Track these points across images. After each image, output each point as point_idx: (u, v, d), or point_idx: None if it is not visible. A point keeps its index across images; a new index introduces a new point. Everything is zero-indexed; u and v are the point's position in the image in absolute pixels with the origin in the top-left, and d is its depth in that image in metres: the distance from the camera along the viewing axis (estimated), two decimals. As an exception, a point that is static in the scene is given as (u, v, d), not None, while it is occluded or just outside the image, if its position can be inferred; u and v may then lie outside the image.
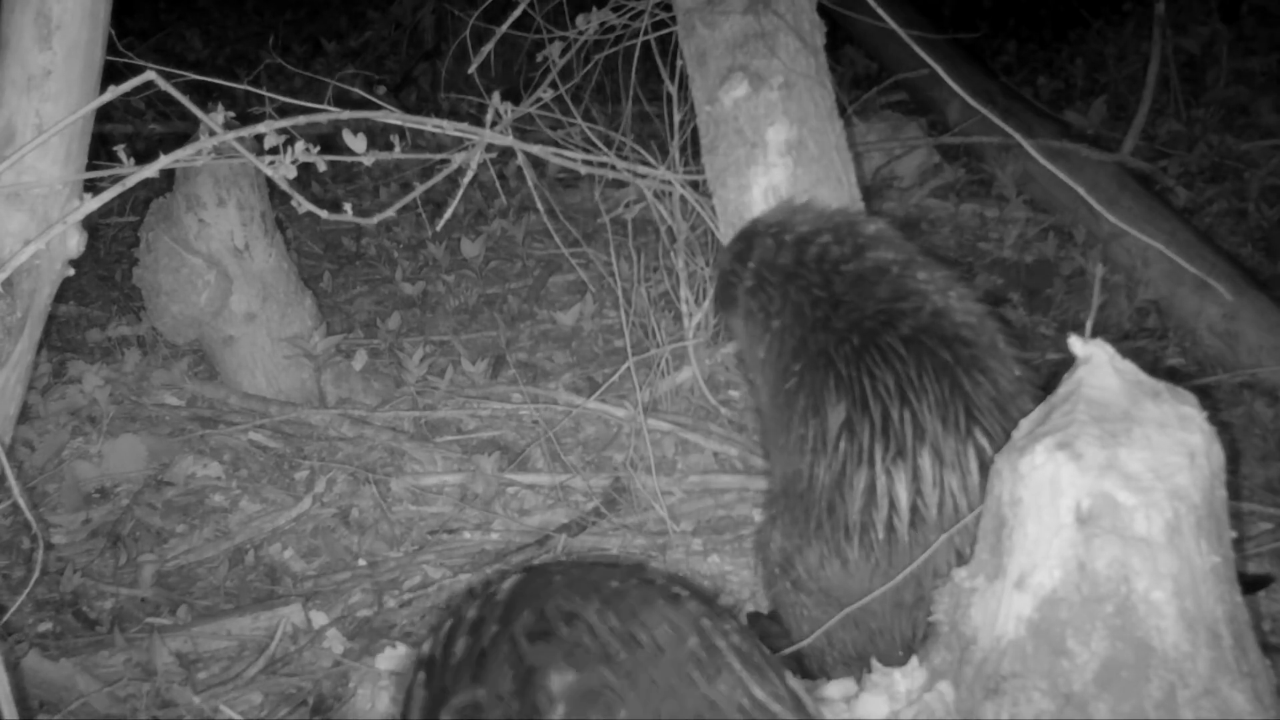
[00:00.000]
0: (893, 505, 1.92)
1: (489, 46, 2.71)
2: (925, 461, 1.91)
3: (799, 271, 2.18)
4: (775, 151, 2.53)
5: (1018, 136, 2.21)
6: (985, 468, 1.89)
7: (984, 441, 1.91)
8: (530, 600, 1.31)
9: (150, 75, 2.01)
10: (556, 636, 1.25)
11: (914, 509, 1.91)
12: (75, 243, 2.45)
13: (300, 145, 2.13)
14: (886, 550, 1.93)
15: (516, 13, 2.72)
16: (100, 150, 2.47)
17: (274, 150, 2.14)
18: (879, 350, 1.99)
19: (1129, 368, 1.66)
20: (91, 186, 2.35)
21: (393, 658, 2.25)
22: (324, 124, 2.22)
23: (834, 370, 2.02)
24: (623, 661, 1.23)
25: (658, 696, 1.21)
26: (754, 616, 2.33)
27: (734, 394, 3.19)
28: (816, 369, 2.07)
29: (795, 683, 1.33)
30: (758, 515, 2.68)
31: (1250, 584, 2.05)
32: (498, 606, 1.32)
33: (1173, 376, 1.79)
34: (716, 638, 1.29)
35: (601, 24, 2.86)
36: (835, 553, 1.97)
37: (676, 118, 2.88)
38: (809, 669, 2.12)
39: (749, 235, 2.33)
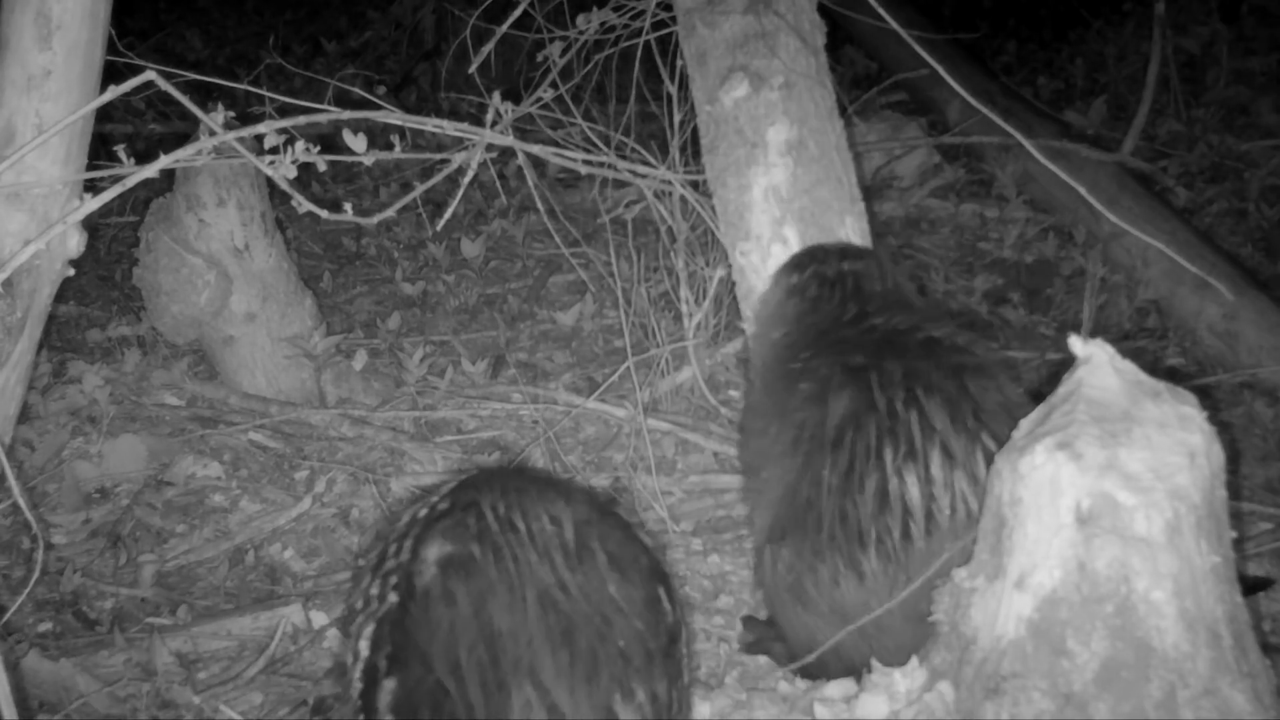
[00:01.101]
0: (906, 510, 1.88)
1: (489, 46, 2.71)
2: (936, 461, 1.89)
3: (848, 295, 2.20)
4: (775, 151, 2.53)
5: (1018, 136, 2.21)
6: None
7: (992, 444, 1.88)
8: (452, 494, 1.66)
9: (150, 75, 2.01)
10: (450, 518, 1.60)
11: (928, 513, 1.88)
12: (75, 243, 2.45)
13: (300, 145, 2.13)
14: (903, 559, 1.89)
15: (517, 13, 2.71)
16: (100, 150, 2.47)
17: (274, 150, 2.13)
18: (892, 345, 1.99)
19: (1129, 368, 1.66)
20: (91, 186, 2.35)
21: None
22: (324, 124, 2.22)
23: (843, 358, 2.01)
24: (494, 540, 1.56)
25: (514, 569, 1.53)
26: (749, 621, 2.30)
27: (734, 394, 3.19)
28: (826, 354, 2.05)
29: (664, 591, 1.66)
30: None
31: (1251, 586, 2.05)
32: (432, 498, 1.69)
33: (1173, 376, 1.79)
34: (592, 539, 1.60)
35: (602, 24, 2.86)
36: (851, 566, 1.92)
37: (677, 118, 2.88)
38: (810, 670, 2.11)
39: (815, 249, 2.36)
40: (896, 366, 1.95)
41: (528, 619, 1.51)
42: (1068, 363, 1.70)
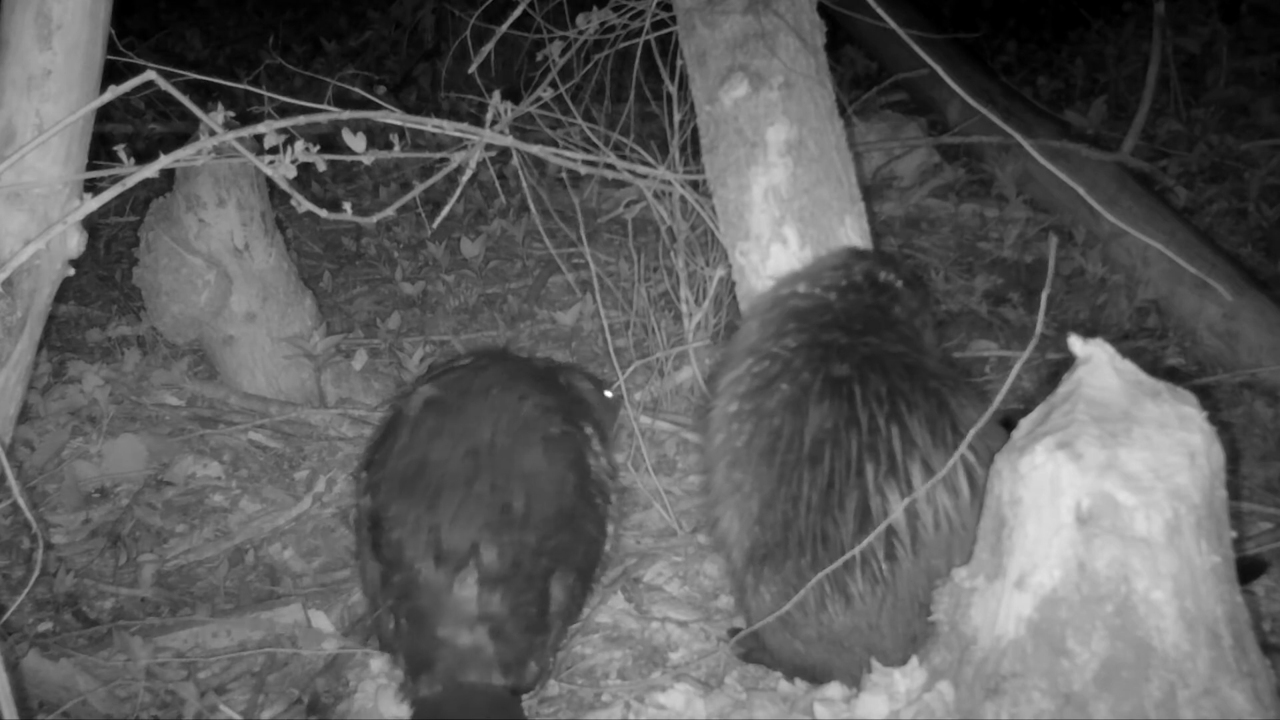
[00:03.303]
0: (890, 528, 1.86)
1: (489, 46, 2.71)
2: (917, 477, 1.86)
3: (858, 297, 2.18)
4: (775, 151, 2.53)
5: (1018, 136, 2.21)
6: (975, 485, 1.87)
7: (971, 457, 1.88)
8: (473, 356, 2.30)
9: (150, 75, 2.01)
10: (454, 373, 2.21)
11: (913, 531, 1.86)
12: (75, 243, 2.45)
13: (300, 145, 2.13)
14: (890, 579, 1.87)
15: (516, 13, 2.71)
16: (100, 150, 2.47)
17: (274, 150, 2.13)
18: (879, 363, 1.98)
19: (1129, 368, 1.66)
20: (91, 186, 2.35)
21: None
22: (324, 124, 2.22)
23: (827, 366, 1.99)
24: (465, 390, 2.12)
25: (470, 411, 2.08)
26: (736, 632, 2.29)
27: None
28: (809, 353, 2.02)
29: (575, 476, 2.15)
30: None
31: (1247, 570, 2.04)
32: (463, 359, 2.33)
33: (1173, 376, 1.80)
34: (538, 419, 2.11)
35: (602, 24, 2.86)
36: (838, 589, 1.89)
37: (676, 117, 2.88)
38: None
39: (879, 255, 2.34)
40: (881, 382, 1.94)
41: (452, 459, 2.02)
42: (1068, 363, 1.70)
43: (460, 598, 1.96)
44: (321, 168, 2.22)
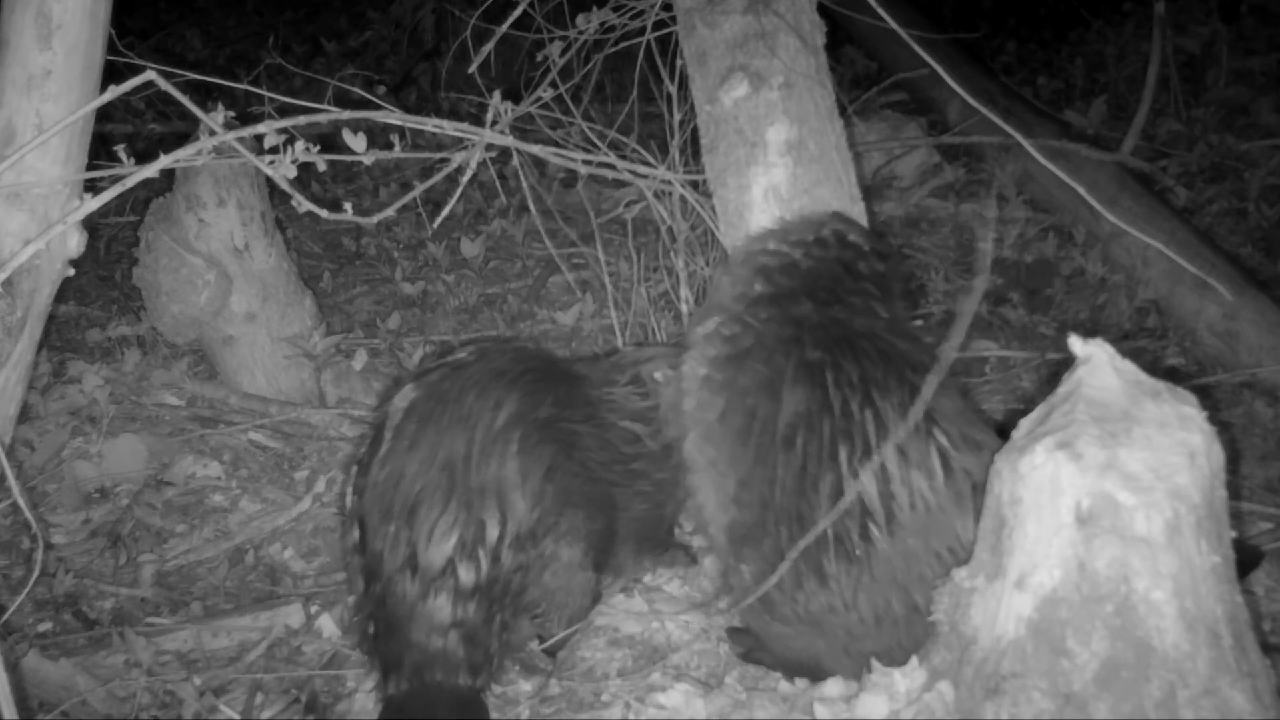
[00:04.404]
0: (865, 509, 1.88)
1: (489, 46, 2.71)
2: (892, 460, 1.88)
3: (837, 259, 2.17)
4: (775, 151, 2.53)
5: (1018, 136, 2.21)
6: (949, 468, 1.88)
7: (944, 442, 1.89)
8: (469, 354, 2.23)
9: (150, 75, 2.01)
10: (436, 373, 2.17)
11: (888, 512, 1.88)
12: (75, 243, 2.45)
13: (300, 145, 2.13)
14: (865, 559, 1.88)
15: (516, 13, 2.71)
16: (100, 150, 2.47)
17: (274, 150, 2.13)
18: (849, 344, 1.98)
19: (1129, 368, 1.66)
20: (91, 186, 2.35)
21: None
22: (324, 124, 2.22)
23: (800, 350, 1.99)
24: (443, 396, 2.10)
25: (446, 420, 2.07)
26: (734, 632, 2.28)
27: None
28: (781, 332, 2.03)
29: (550, 488, 2.12)
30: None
31: (1244, 561, 2.03)
32: (455, 355, 2.26)
33: (1173, 376, 1.79)
34: (515, 428, 2.09)
35: (602, 24, 2.86)
36: (812, 569, 1.91)
37: (676, 117, 2.88)
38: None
39: (841, 216, 2.33)
40: (854, 369, 1.94)
41: (430, 472, 2.04)
42: (1067, 363, 1.70)
43: (434, 606, 2.02)
44: (321, 168, 2.22)
